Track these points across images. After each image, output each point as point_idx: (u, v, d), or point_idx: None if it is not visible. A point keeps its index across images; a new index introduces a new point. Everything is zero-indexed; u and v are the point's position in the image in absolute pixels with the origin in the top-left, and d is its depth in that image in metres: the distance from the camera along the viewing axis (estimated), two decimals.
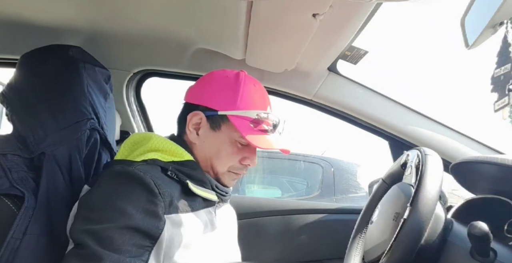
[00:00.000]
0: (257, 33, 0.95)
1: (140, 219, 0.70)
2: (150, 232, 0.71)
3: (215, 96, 0.88)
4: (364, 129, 1.32)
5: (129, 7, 0.96)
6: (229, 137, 0.86)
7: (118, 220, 0.69)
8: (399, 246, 0.68)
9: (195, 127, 0.88)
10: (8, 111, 0.90)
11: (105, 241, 0.67)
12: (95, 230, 0.68)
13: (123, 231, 0.68)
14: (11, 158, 0.79)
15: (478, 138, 1.22)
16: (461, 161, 0.96)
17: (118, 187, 0.74)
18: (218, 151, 0.87)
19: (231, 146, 0.86)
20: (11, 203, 0.75)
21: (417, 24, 40.16)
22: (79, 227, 0.70)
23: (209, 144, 0.87)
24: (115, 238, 0.67)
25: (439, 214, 0.77)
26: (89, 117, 0.89)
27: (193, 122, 0.87)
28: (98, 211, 0.71)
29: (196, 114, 0.87)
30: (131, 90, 1.40)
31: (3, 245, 0.71)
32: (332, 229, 1.36)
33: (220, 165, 0.87)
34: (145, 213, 0.71)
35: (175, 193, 0.78)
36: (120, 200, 0.71)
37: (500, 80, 0.69)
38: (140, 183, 0.73)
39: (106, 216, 0.70)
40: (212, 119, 0.87)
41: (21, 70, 0.92)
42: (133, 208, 0.70)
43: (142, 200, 0.72)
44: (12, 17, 1.03)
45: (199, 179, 0.84)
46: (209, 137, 0.87)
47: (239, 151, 0.87)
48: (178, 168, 0.81)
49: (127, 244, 0.68)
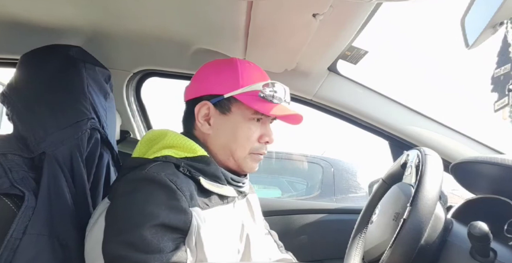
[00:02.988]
0: (257, 33, 0.95)
1: (165, 216, 0.71)
2: (179, 227, 0.72)
3: (216, 82, 0.86)
4: (364, 129, 1.32)
5: (129, 7, 0.96)
6: (242, 116, 0.85)
7: (145, 223, 0.69)
8: (399, 246, 0.68)
9: (205, 118, 0.86)
10: (8, 111, 0.90)
11: (142, 246, 0.68)
12: (127, 240, 0.69)
13: (153, 231, 0.69)
14: (11, 158, 0.79)
15: (478, 138, 1.22)
16: (461, 161, 0.96)
17: (136, 194, 0.74)
18: (235, 134, 0.85)
19: (246, 125, 0.85)
20: (11, 203, 0.75)
21: (417, 24, 40.12)
22: (111, 243, 0.71)
23: (224, 129, 0.86)
24: (149, 239, 0.68)
25: (439, 214, 0.77)
26: (90, 116, 0.89)
27: (202, 113, 0.86)
28: (123, 221, 0.72)
29: (203, 104, 0.85)
30: (131, 90, 1.40)
31: (2, 245, 0.71)
32: (332, 229, 1.36)
33: (239, 149, 0.85)
34: (169, 210, 0.71)
35: (192, 190, 0.77)
36: (141, 204, 0.72)
37: (500, 80, 0.69)
38: (156, 183, 0.74)
39: (132, 223, 0.70)
40: (220, 104, 0.85)
41: (21, 70, 0.92)
42: (155, 207, 0.71)
43: (163, 198, 0.72)
44: (13, 17, 1.03)
45: (213, 174, 0.82)
46: (222, 122, 0.85)
47: (255, 129, 0.86)
48: (190, 164, 0.80)
49: (162, 241, 0.69)
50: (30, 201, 0.75)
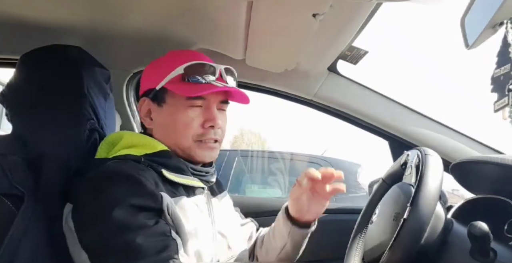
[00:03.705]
0: (257, 33, 0.95)
1: (134, 200, 0.70)
2: (150, 206, 0.71)
3: (148, 79, 0.88)
4: (364, 129, 1.32)
5: (129, 7, 0.96)
6: (176, 104, 0.83)
7: (117, 207, 0.69)
8: (399, 245, 0.68)
9: (147, 114, 0.87)
10: (8, 111, 0.90)
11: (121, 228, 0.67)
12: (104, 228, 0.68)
13: (126, 213, 0.68)
14: (10, 158, 0.79)
15: (478, 138, 1.22)
16: (461, 161, 0.96)
17: (99, 189, 0.73)
18: (173, 124, 0.83)
19: (184, 112, 0.83)
20: (11, 203, 0.75)
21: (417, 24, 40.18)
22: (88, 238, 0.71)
23: (163, 121, 0.85)
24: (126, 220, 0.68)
25: (439, 214, 0.77)
26: (89, 117, 0.89)
27: (144, 110, 0.87)
28: (92, 215, 0.72)
29: (143, 101, 0.87)
30: (131, 90, 1.40)
31: (2, 245, 0.71)
32: (332, 229, 1.36)
33: (181, 138, 0.83)
34: (139, 194, 0.71)
35: (156, 179, 0.77)
36: (106, 196, 0.72)
37: (500, 80, 0.69)
38: (118, 176, 0.74)
39: (103, 212, 0.69)
40: (155, 98, 0.85)
41: (21, 70, 0.92)
42: (120, 195, 0.71)
43: (127, 188, 0.72)
44: (12, 17, 1.03)
45: (175, 166, 0.81)
46: (160, 114, 0.85)
47: (195, 115, 0.83)
48: (151, 158, 0.79)
49: (139, 219, 0.69)
50: (29, 202, 0.75)
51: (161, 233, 0.69)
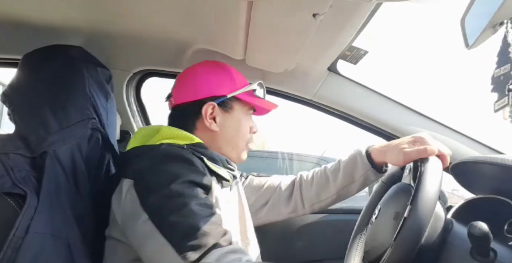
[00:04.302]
0: (257, 33, 0.95)
1: (191, 175, 0.78)
2: (204, 184, 0.79)
3: (216, 84, 0.96)
4: (364, 129, 1.32)
5: (130, 7, 0.96)
6: (242, 112, 0.98)
7: (175, 180, 0.75)
8: (400, 245, 0.68)
9: (212, 118, 0.95)
10: (10, 111, 0.90)
11: (177, 195, 0.73)
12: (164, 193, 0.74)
13: (184, 186, 0.76)
14: (13, 157, 0.79)
15: (478, 138, 1.22)
16: (461, 161, 0.96)
17: (159, 165, 0.80)
18: (238, 128, 0.97)
19: (246, 119, 0.99)
20: (14, 202, 0.75)
21: (417, 24, 40.09)
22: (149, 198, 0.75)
23: (229, 125, 0.96)
24: (182, 190, 0.74)
25: (439, 213, 0.77)
26: (91, 116, 0.89)
27: (208, 114, 0.94)
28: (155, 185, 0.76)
29: (209, 105, 0.94)
30: (131, 90, 1.40)
31: (5, 244, 0.71)
32: (332, 229, 1.36)
33: (241, 141, 0.97)
34: (193, 172, 0.79)
35: (202, 165, 0.85)
36: (167, 170, 0.78)
37: (500, 80, 0.69)
38: (175, 157, 0.81)
39: (164, 183, 0.75)
40: (223, 104, 0.96)
41: (22, 70, 0.92)
42: (180, 170, 0.78)
43: (184, 165, 0.80)
44: (14, 17, 1.03)
45: (212, 157, 0.90)
46: (227, 119, 0.96)
47: (251, 123, 1.01)
48: (192, 148, 0.88)
49: (194, 192, 0.76)
50: (32, 201, 0.75)
51: (210, 206, 0.76)
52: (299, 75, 1.25)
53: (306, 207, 1.07)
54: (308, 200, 1.07)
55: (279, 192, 1.09)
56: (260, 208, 1.09)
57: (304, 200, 1.07)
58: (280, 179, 1.13)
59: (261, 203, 1.09)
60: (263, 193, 1.10)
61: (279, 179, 1.14)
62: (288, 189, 1.10)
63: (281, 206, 1.08)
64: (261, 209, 1.09)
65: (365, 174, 0.99)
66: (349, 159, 1.03)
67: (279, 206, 1.08)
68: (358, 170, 1.00)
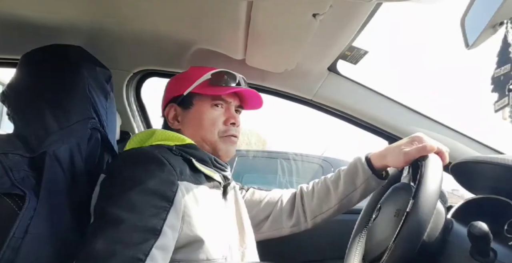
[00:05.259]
0: (257, 33, 0.95)
1: (155, 184, 0.76)
2: (166, 194, 0.76)
3: (175, 86, 1.01)
4: (364, 129, 1.32)
5: (130, 7, 0.96)
6: (202, 105, 0.96)
7: (135, 187, 0.74)
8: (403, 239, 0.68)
9: (174, 118, 0.98)
10: (9, 111, 0.90)
11: (126, 205, 0.73)
12: (115, 199, 0.74)
13: (141, 195, 0.74)
14: (12, 158, 0.79)
15: (478, 138, 1.22)
16: (461, 161, 0.96)
17: (128, 165, 0.81)
18: (200, 122, 0.95)
19: (209, 111, 0.96)
20: (13, 203, 0.75)
21: (417, 24, 40.12)
22: (100, 203, 0.77)
23: (191, 121, 0.97)
24: (134, 201, 0.73)
25: (440, 209, 0.77)
26: (90, 116, 0.89)
27: (171, 115, 0.98)
28: (116, 187, 0.77)
29: (170, 107, 0.99)
30: (131, 90, 1.40)
31: (4, 244, 0.71)
32: (332, 229, 1.36)
33: (208, 133, 0.95)
34: (159, 179, 0.77)
35: (183, 168, 0.84)
36: (134, 173, 0.78)
37: (500, 80, 0.69)
38: (149, 158, 0.81)
39: (123, 187, 0.76)
40: (182, 103, 0.98)
41: (22, 69, 0.92)
42: (146, 176, 0.77)
43: (153, 169, 0.78)
44: (13, 17, 1.03)
45: (201, 158, 0.90)
46: (188, 116, 0.97)
47: (219, 114, 0.96)
48: (181, 149, 0.89)
49: (146, 205, 0.74)
50: (31, 201, 0.75)
51: (150, 229, 0.71)
52: (299, 75, 1.25)
53: (308, 220, 1.06)
54: (310, 212, 1.06)
55: (281, 206, 1.08)
56: (261, 222, 1.08)
57: (306, 213, 1.06)
58: (281, 193, 1.12)
59: (261, 217, 1.08)
60: (263, 207, 1.09)
61: (280, 193, 1.13)
62: (290, 202, 1.09)
63: (283, 220, 1.07)
64: (263, 223, 1.08)
65: (366, 181, 0.99)
66: (349, 167, 1.03)
67: (281, 220, 1.07)
68: (359, 177, 1.00)
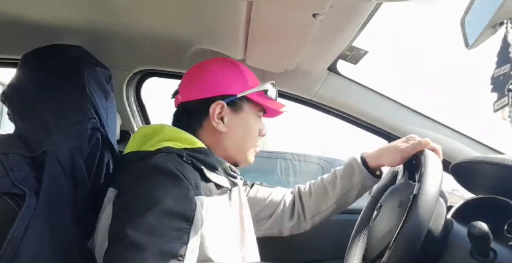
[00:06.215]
0: (257, 33, 0.95)
1: (173, 203, 0.71)
2: (185, 214, 0.71)
3: (226, 83, 0.91)
4: (364, 129, 1.32)
5: (130, 7, 0.96)
6: (252, 113, 0.94)
7: (153, 208, 0.69)
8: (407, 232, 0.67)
9: (219, 118, 0.90)
10: (9, 111, 0.90)
11: (145, 229, 0.67)
12: (133, 222, 0.68)
13: (160, 217, 0.69)
14: (12, 157, 0.79)
15: (478, 138, 1.22)
16: (461, 161, 0.96)
17: (144, 182, 0.75)
18: (247, 130, 0.93)
19: (256, 120, 0.95)
20: (13, 202, 0.75)
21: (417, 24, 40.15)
22: (118, 224, 0.71)
23: (237, 126, 0.91)
24: (154, 224, 0.68)
25: (441, 209, 0.77)
26: (91, 116, 0.89)
27: (216, 113, 0.89)
28: (132, 207, 0.72)
29: (218, 104, 0.89)
30: (131, 90, 1.40)
31: (4, 244, 0.71)
32: (332, 229, 1.36)
33: (250, 144, 0.94)
34: (176, 197, 0.72)
35: (197, 179, 0.79)
36: (149, 191, 0.72)
37: (499, 80, 0.69)
38: (165, 173, 0.74)
39: (141, 207, 0.70)
40: (232, 103, 0.91)
41: (22, 70, 0.92)
42: (163, 194, 0.71)
43: (170, 187, 0.73)
44: (13, 17, 1.03)
45: (212, 165, 0.84)
46: (236, 120, 0.91)
47: (259, 125, 0.96)
48: (191, 154, 0.82)
49: (166, 228, 0.69)
50: (31, 201, 0.75)
51: (175, 254, 0.68)
52: (299, 75, 1.25)
53: (307, 220, 1.06)
54: (309, 211, 1.06)
55: (284, 206, 1.08)
56: (263, 220, 1.07)
57: (305, 212, 1.07)
58: (284, 193, 1.12)
59: (264, 215, 1.07)
60: (266, 206, 1.08)
61: (283, 192, 1.12)
62: (291, 203, 1.09)
63: (285, 220, 1.07)
64: (264, 221, 1.07)
65: (362, 180, 1.00)
66: (345, 167, 1.03)
67: (283, 220, 1.07)
68: (355, 176, 1.01)
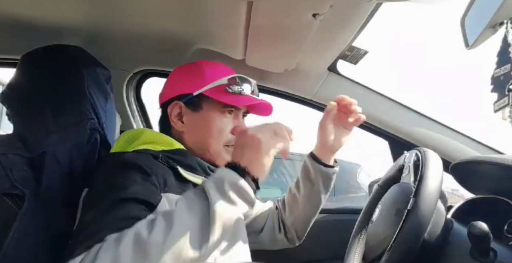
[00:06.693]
0: (257, 33, 0.95)
1: (138, 190, 0.70)
2: (149, 201, 0.70)
3: (184, 82, 0.92)
4: (364, 129, 1.32)
5: (129, 7, 0.96)
6: (213, 111, 0.89)
7: (116, 192, 0.68)
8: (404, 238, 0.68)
9: (178, 117, 0.91)
10: (9, 111, 0.90)
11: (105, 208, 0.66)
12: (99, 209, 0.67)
13: (123, 199, 0.68)
14: (12, 158, 0.79)
15: (478, 138, 1.22)
16: (461, 161, 0.96)
17: (111, 174, 0.75)
18: (208, 129, 0.89)
19: (219, 118, 0.89)
20: (12, 203, 0.75)
21: (417, 24, 40.20)
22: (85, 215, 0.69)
23: (197, 126, 0.90)
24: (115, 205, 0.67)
25: (440, 208, 0.77)
26: (90, 117, 0.89)
27: (174, 113, 0.91)
28: (96, 195, 0.72)
29: (175, 104, 0.91)
30: (131, 90, 1.40)
31: (3, 244, 0.71)
32: (332, 229, 1.36)
33: (214, 142, 0.89)
34: (142, 187, 0.71)
35: (168, 177, 0.78)
36: (116, 181, 0.72)
37: (500, 80, 0.69)
38: (132, 167, 0.74)
39: (105, 193, 0.70)
40: (191, 103, 0.90)
41: (21, 70, 0.92)
42: (129, 183, 0.70)
43: (136, 177, 0.72)
44: (13, 17, 1.03)
45: (189, 165, 0.84)
46: (195, 119, 0.90)
47: (228, 122, 0.90)
48: (168, 155, 0.82)
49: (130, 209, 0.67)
50: (31, 201, 0.75)
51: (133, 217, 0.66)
52: (299, 75, 1.25)
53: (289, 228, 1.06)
54: (286, 219, 1.06)
55: (272, 219, 1.09)
56: (255, 233, 1.07)
57: (285, 221, 1.07)
58: (270, 206, 1.12)
59: (255, 229, 1.08)
60: (256, 219, 1.09)
61: (270, 205, 1.13)
62: (276, 216, 1.09)
63: (276, 233, 1.07)
64: (256, 235, 1.07)
65: (320, 174, 0.98)
66: (301, 168, 1.03)
67: (274, 233, 1.07)
68: (311, 173, 0.99)
